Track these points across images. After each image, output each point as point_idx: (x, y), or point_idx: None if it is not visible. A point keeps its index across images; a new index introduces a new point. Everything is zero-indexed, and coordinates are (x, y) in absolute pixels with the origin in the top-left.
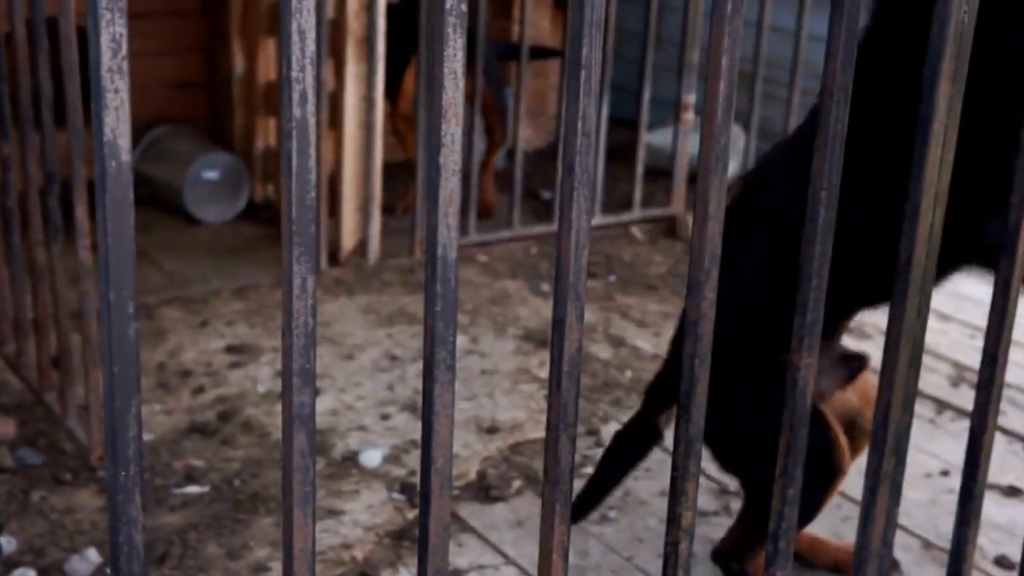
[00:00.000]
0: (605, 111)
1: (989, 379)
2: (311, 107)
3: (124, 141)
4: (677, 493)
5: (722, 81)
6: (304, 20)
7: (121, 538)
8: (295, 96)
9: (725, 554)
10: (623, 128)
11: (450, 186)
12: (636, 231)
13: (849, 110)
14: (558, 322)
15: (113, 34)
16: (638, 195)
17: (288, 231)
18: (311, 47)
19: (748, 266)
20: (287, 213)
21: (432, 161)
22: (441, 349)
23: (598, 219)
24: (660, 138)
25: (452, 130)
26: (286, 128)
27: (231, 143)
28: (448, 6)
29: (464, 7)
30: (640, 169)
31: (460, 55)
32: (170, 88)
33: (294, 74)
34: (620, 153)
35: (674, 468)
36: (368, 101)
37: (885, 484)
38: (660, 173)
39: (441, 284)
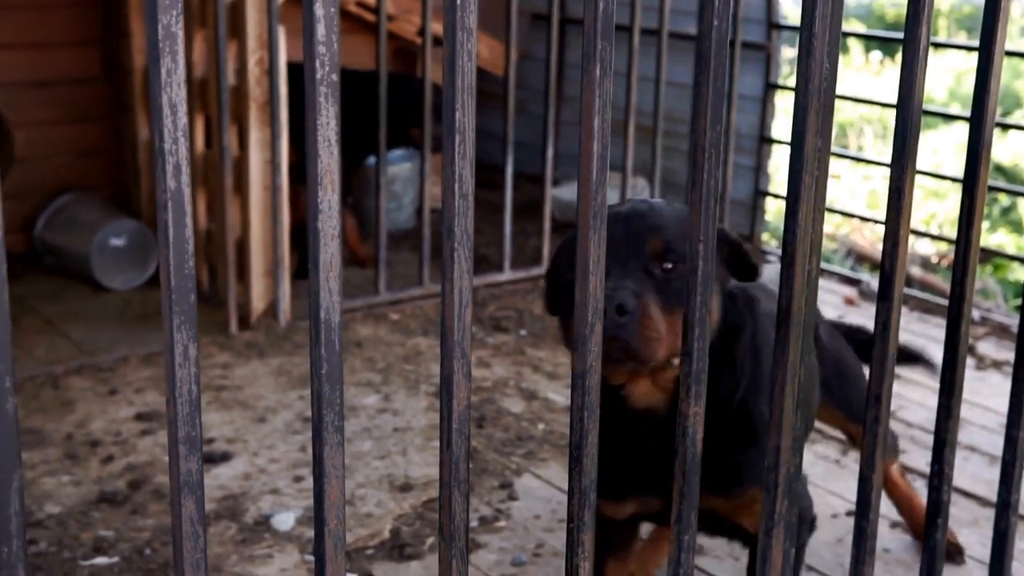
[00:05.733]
0: (511, 168)
1: (875, 420)
2: (185, 178)
3: None
4: (574, 544)
5: (595, 141)
6: (175, 94)
7: None
8: (169, 168)
9: None
10: (531, 183)
11: (329, 251)
12: None
13: None
14: (445, 381)
15: None
16: (547, 249)
17: (168, 300)
18: (183, 120)
19: None
20: (166, 283)
21: (311, 227)
22: (329, 411)
23: (508, 274)
24: (567, 192)
25: (329, 196)
26: (161, 200)
27: (138, 210)
28: (319, 76)
29: (336, 77)
30: (548, 223)
31: (333, 124)
32: (74, 156)
33: (167, 146)
34: (528, 208)
35: (570, 519)
36: (272, 165)
37: (779, 526)
38: (568, 226)
39: (325, 347)
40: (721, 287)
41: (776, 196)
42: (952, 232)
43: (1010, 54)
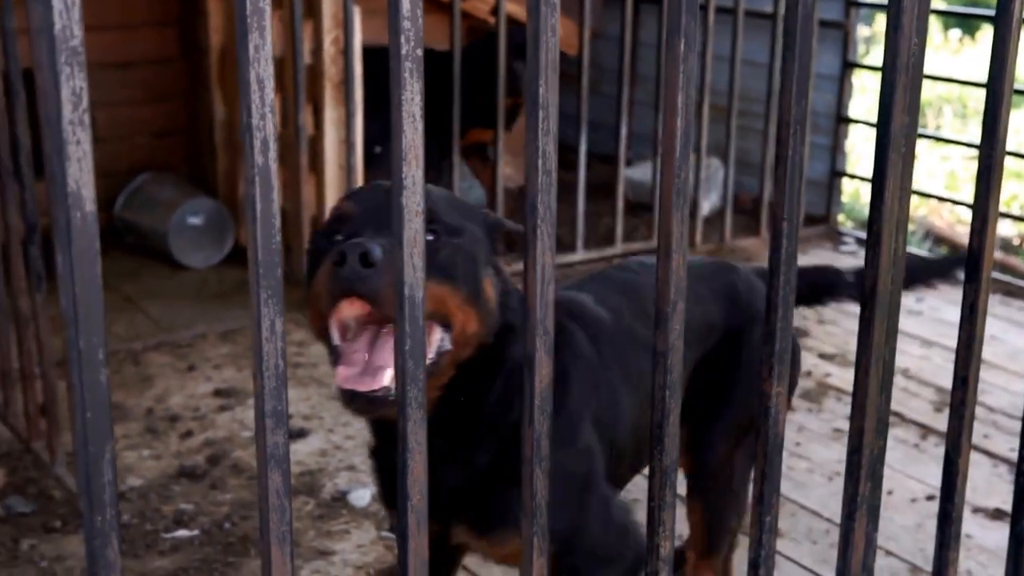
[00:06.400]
0: (584, 147)
1: (961, 402)
2: (272, 154)
3: (88, 192)
4: (654, 523)
5: (679, 118)
6: (262, 69)
7: None
8: (256, 144)
9: None
10: (603, 163)
11: (414, 227)
12: None
13: None
14: (528, 358)
15: (73, 87)
16: (620, 230)
17: (255, 275)
18: (270, 96)
19: None
20: (253, 257)
21: (395, 203)
22: (412, 387)
23: (581, 254)
24: (640, 173)
25: (413, 172)
26: (249, 175)
27: (214, 188)
28: (404, 52)
29: (420, 52)
30: (621, 204)
31: (418, 99)
32: (151, 136)
33: (255, 122)
34: (601, 188)
35: (650, 498)
36: (347, 144)
37: (862, 509)
38: (641, 207)
39: (409, 323)
40: (498, 275)
41: (852, 176)
42: None
43: None
